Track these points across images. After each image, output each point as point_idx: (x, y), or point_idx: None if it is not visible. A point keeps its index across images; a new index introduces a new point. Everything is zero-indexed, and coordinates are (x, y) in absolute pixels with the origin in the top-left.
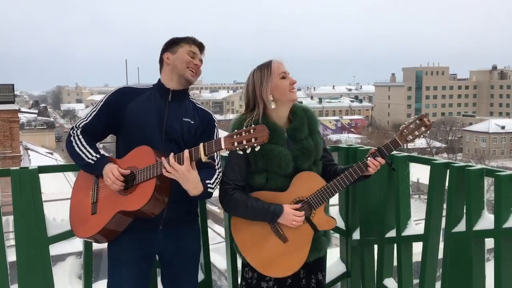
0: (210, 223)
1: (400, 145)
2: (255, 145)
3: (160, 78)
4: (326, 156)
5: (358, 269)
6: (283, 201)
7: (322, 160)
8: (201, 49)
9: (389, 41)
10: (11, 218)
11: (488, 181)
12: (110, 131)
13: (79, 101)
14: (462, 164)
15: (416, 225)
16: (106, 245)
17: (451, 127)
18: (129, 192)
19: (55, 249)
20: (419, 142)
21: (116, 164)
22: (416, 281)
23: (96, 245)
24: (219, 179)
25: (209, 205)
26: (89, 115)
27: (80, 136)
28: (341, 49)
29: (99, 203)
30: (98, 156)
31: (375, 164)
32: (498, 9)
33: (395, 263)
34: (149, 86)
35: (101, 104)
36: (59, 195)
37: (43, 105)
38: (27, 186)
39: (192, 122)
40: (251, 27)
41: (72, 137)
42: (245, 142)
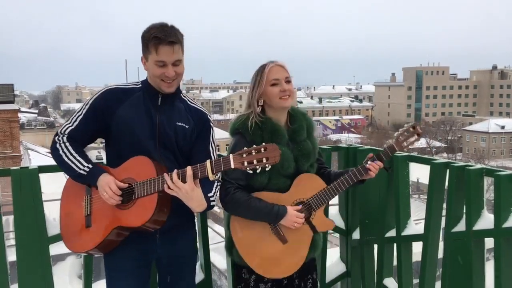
0: (210, 223)
1: (396, 150)
2: (266, 166)
3: (147, 77)
4: (319, 159)
5: (358, 269)
6: (284, 202)
7: (317, 162)
8: (174, 44)
9: (389, 41)
10: (11, 218)
11: (488, 181)
12: (98, 136)
13: (79, 101)
14: (462, 164)
15: (416, 225)
16: None
17: (451, 127)
18: (127, 206)
19: (55, 249)
20: (418, 142)
21: (111, 174)
22: (416, 281)
23: None
24: (218, 186)
25: None
26: (74, 120)
27: (67, 143)
28: (341, 49)
29: (94, 216)
30: (90, 166)
31: (375, 167)
32: (498, 9)
33: (395, 263)
34: (137, 84)
35: (88, 107)
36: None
37: (43, 105)
38: (27, 186)
39: (186, 126)
40: (251, 26)
41: (58, 145)
42: (255, 161)
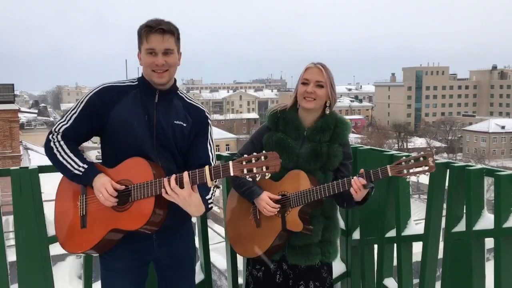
0: (210, 223)
1: (388, 175)
2: (265, 174)
3: (143, 72)
4: (343, 171)
5: (358, 269)
6: (270, 189)
7: (337, 173)
8: (165, 33)
9: (389, 41)
10: (11, 218)
11: (488, 181)
12: (93, 134)
13: None
14: (462, 164)
15: (416, 225)
16: None
17: (451, 127)
18: (124, 208)
19: (55, 249)
20: (419, 142)
21: (107, 175)
22: (416, 281)
23: None
24: (215, 188)
25: None
26: (68, 118)
27: (61, 142)
28: (341, 49)
29: (89, 216)
30: (85, 166)
31: (357, 184)
32: (498, 9)
33: (395, 263)
34: (133, 81)
35: (82, 105)
36: None
37: (43, 105)
38: (27, 186)
39: (184, 124)
40: (251, 27)
41: (52, 143)
42: (255, 170)
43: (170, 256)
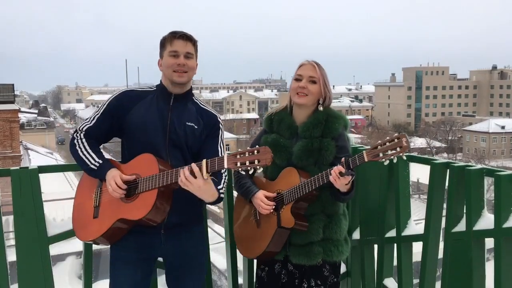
0: (210, 223)
1: (365, 160)
2: (257, 167)
3: (161, 79)
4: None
5: (358, 269)
6: (267, 189)
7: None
8: (186, 40)
9: (389, 41)
10: (11, 218)
11: (488, 181)
12: (114, 135)
13: (79, 101)
14: (462, 164)
15: (416, 225)
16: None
17: (451, 127)
18: (131, 200)
19: (55, 249)
20: (419, 141)
21: (119, 170)
22: (416, 281)
23: (96, 245)
24: (226, 180)
25: (209, 205)
26: (92, 118)
27: (83, 139)
28: (341, 49)
29: (101, 207)
30: (100, 161)
31: (335, 172)
32: (498, 9)
33: (395, 263)
34: (152, 87)
35: (104, 107)
36: (59, 195)
37: (43, 105)
38: (27, 186)
39: (196, 126)
40: (252, 27)
41: (75, 140)
42: (248, 163)
43: (177, 253)
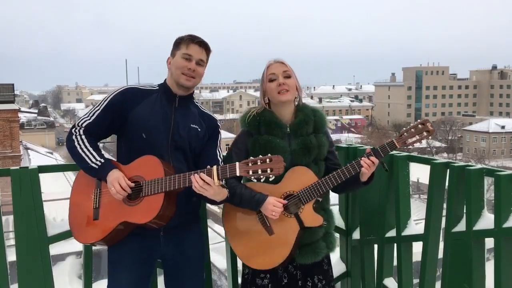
0: (210, 223)
1: (396, 147)
2: (270, 176)
3: (166, 79)
4: (331, 159)
5: (358, 269)
6: (273, 193)
7: (326, 162)
8: (203, 47)
9: (389, 41)
10: (11, 218)
11: (488, 181)
12: (113, 132)
13: (79, 100)
14: (462, 163)
15: (416, 225)
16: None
17: (451, 127)
18: (134, 203)
19: (55, 249)
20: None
21: (121, 171)
22: (416, 281)
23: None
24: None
25: (209, 205)
26: (91, 114)
27: (83, 136)
28: (341, 49)
29: (102, 209)
30: (102, 160)
31: (367, 163)
32: (498, 9)
33: (395, 263)
34: (154, 87)
35: (106, 103)
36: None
37: (43, 104)
38: (27, 186)
39: (199, 129)
40: (252, 27)
41: (74, 136)
42: (260, 171)
43: (177, 255)
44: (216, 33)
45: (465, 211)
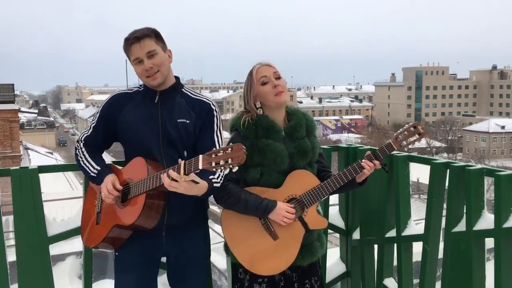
0: (210, 223)
1: (394, 149)
2: (231, 167)
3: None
4: (321, 161)
5: (358, 269)
6: (275, 197)
7: (317, 164)
8: (141, 40)
9: (389, 41)
10: (11, 218)
11: (488, 181)
12: (111, 140)
13: (79, 101)
14: (462, 164)
15: (416, 225)
16: None
17: (451, 127)
18: (124, 205)
19: (55, 249)
20: (419, 142)
21: (117, 175)
22: (416, 281)
23: None
24: (223, 172)
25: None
26: (90, 127)
27: (83, 149)
28: (341, 49)
29: (102, 213)
30: (98, 168)
31: (369, 165)
32: (498, 9)
33: (395, 263)
34: (140, 87)
35: (98, 114)
36: (59, 195)
37: (43, 105)
38: (27, 186)
39: (187, 121)
40: (252, 27)
41: (77, 151)
42: (222, 162)
43: (179, 255)
44: (216, 33)
45: (465, 211)
